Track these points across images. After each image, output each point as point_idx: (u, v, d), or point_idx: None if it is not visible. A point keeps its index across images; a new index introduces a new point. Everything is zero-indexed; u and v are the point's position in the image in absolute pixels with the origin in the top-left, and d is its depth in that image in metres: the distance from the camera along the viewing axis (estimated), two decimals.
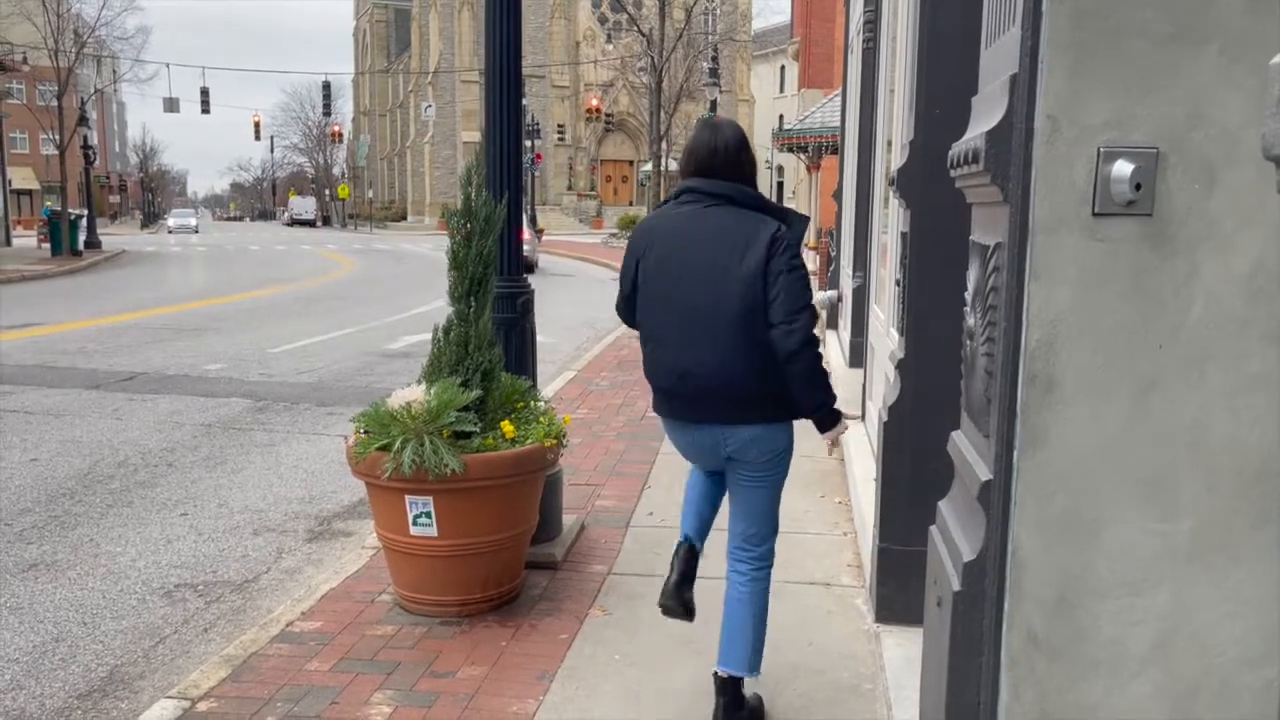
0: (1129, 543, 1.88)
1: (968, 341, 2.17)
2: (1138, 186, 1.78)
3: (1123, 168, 1.78)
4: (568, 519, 4.89)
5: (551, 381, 9.04)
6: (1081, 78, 1.79)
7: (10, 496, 5.88)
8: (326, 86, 53.11)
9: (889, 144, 5.87)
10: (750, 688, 3.23)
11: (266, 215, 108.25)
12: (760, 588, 3.15)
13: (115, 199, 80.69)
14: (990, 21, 2.12)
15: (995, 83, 1.99)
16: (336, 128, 72.81)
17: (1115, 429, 1.86)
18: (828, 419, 3.04)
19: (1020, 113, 1.84)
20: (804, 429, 3.10)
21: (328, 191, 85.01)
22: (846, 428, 3.15)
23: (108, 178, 74.92)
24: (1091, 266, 1.82)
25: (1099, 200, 1.81)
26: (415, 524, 3.80)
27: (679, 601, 3.19)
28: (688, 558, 3.23)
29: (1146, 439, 1.86)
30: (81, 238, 30.02)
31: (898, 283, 4.32)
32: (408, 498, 3.76)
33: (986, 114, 2.00)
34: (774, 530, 3.19)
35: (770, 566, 3.19)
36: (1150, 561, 1.88)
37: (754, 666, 3.13)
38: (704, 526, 3.35)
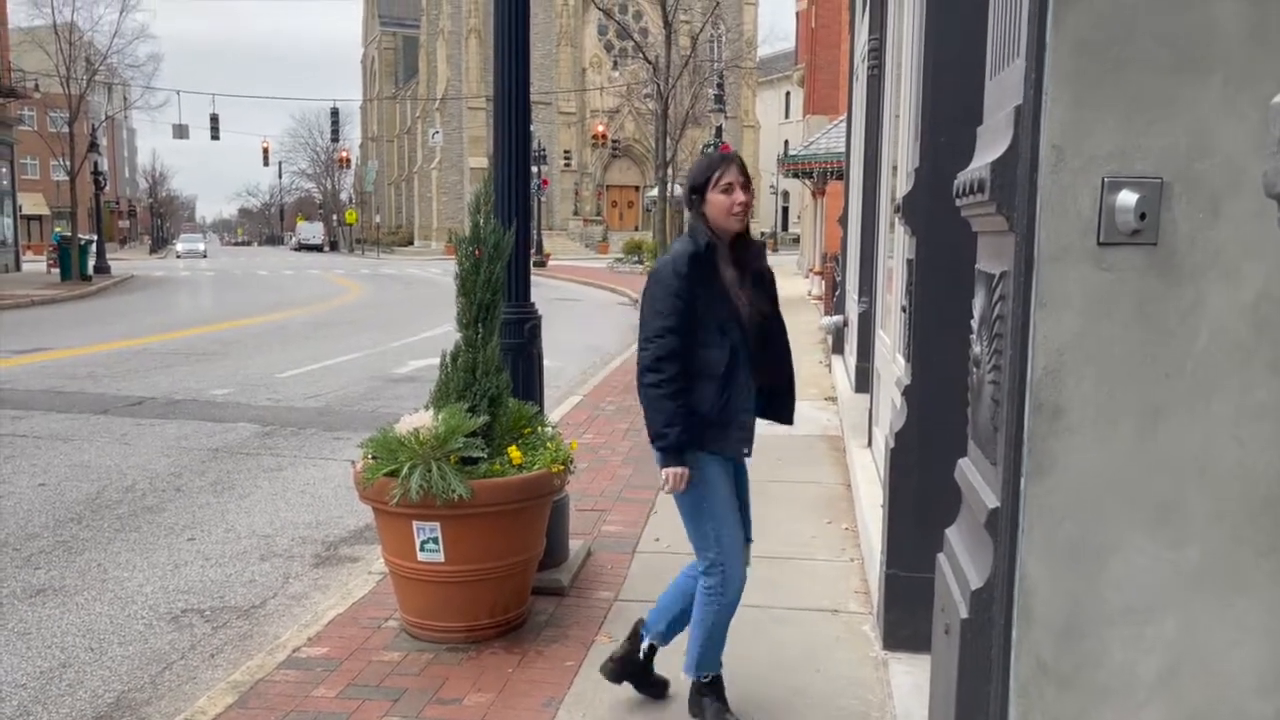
0: (1137, 570, 1.88)
1: (974, 369, 2.18)
2: (1142, 216, 1.80)
3: (1127, 197, 1.80)
4: (574, 544, 4.89)
5: (558, 406, 9.05)
6: (1085, 108, 1.81)
7: (19, 521, 5.90)
8: (335, 113, 53.56)
9: (894, 169, 5.90)
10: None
11: (274, 240, 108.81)
12: (702, 601, 3.23)
13: (125, 224, 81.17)
14: (994, 53, 2.14)
15: (1000, 113, 2.01)
16: (344, 153, 73.19)
17: (1122, 457, 1.87)
18: (662, 455, 3.12)
19: (1025, 143, 1.86)
20: (796, 455, 3.10)
21: (335, 217, 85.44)
22: (669, 480, 3.15)
23: (117, 203, 75.41)
24: (1097, 295, 1.84)
25: (1104, 229, 1.82)
26: (422, 550, 3.80)
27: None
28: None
29: (1154, 467, 1.87)
30: (91, 263, 30.19)
31: (904, 309, 4.34)
32: (415, 523, 3.77)
33: (991, 144, 2.02)
34: (711, 547, 3.21)
35: (715, 587, 3.21)
36: (1158, 589, 1.88)
37: (690, 668, 3.27)
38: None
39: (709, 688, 3.29)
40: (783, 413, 3.41)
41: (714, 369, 3.11)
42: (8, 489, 6.59)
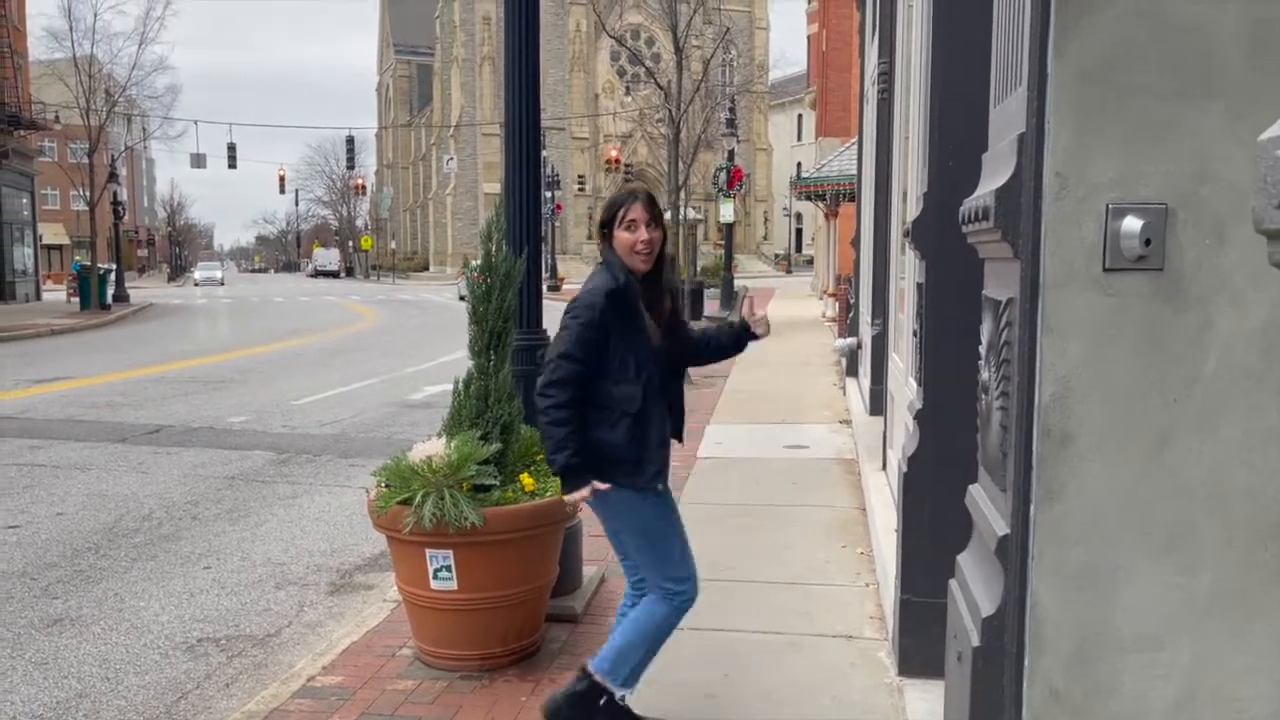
0: (1148, 597, 1.87)
1: (983, 395, 2.18)
2: (1147, 242, 1.80)
3: (1132, 223, 1.80)
4: (588, 571, 4.88)
5: None
6: (1088, 136, 1.82)
7: (37, 551, 5.94)
8: (350, 141, 54.01)
9: (904, 194, 5.92)
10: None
11: (291, 267, 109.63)
12: (661, 606, 3.22)
13: (143, 253, 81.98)
14: (997, 81, 2.16)
15: (1004, 141, 2.02)
16: (360, 181, 73.90)
17: (1131, 482, 1.86)
18: (562, 481, 3.14)
19: (1029, 170, 1.87)
20: (810, 479, 3.10)
21: (351, 243, 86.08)
22: (575, 503, 3.18)
23: (136, 232, 76.19)
24: (1103, 321, 1.84)
25: (1109, 255, 1.83)
26: (436, 578, 3.81)
27: None
28: None
29: (1163, 492, 1.86)
30: (110, 292, 30.50)
31: (915, 333, 4.34)
32: (428, 551, 3.78)
33: (996, 172, 2.04)
34: (661, 570, 3.22)
35: (680, 592, 3.22)
36: (1170, 615, 1.87)
37: (611, 673, 3.23)
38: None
39: (623, 710, 3.27)
40: (677, 433, 3.40)
41: (629, 405, 3.12)
42: (26, 519, 6.63)
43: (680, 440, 3.39)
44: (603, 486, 3.11)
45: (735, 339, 3.51)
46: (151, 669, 4.32)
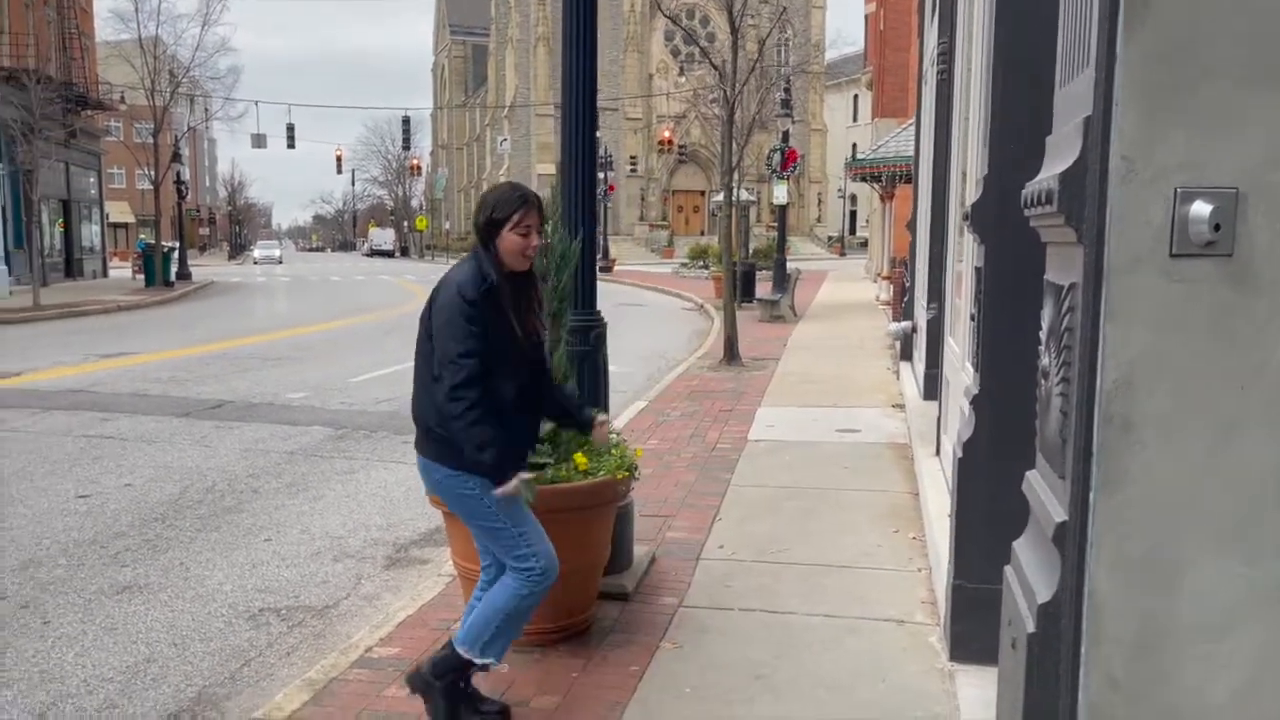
0: (1211, 586, 1.85)
1: (1042, 381, 2.16)
2: (1217, 227, 1.77)
3: (1201, 208, 1.77)
4: (639, 550, 4.93)
5: (623, 412, 9.10)
6: (1157, 119, 1.79)
7: (106, 520, 6.13)
8: (406, 121, 54.55)
9: (963, 175, 5.84)
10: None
11: (347, 246, 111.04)
12: (518, 586, 3.25)
13: (205, 231, 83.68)
14: (1064, 63, 2.13)
15: (1069, 124, 1.99)
16: (415, 161, 74.53)
17: (1196, 470, 1.84)
18: (489, 480, 3.16)
19: (1095, 154, 1.84)
20: (862, 463, 3.09)
21: (406, 223, 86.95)
22: (506, 494, 3.18)
23: (198, 211, 77.78)
24: (1170, 307, 1.81)
25: (1176, 241, 1.80)
26: None
27: None
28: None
29: (1229, 481, 1.84)
30: (173, 269, 31.18)
31: (972, 317, 4.29)
32: None
33: (1060, 155, 2.01)
34: (520, 547, 3.24)
35: (536, 575, 3.24)
36: (1234, 605, 1.85)
37: (469, 643, 3.27)
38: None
39: (465, 688, 3.31)
40: (534, 439, 3.45)
41: (498, 401, 3.15)
42: (96, 489, 6.85)
43: (532, 448, 3.42)
44: (528, 476, 3.22)
45: (574, 410, 3.58)
46: (215, 636, 4.45)
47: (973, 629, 3.66)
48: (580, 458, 3.98)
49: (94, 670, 4.11)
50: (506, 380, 3.19)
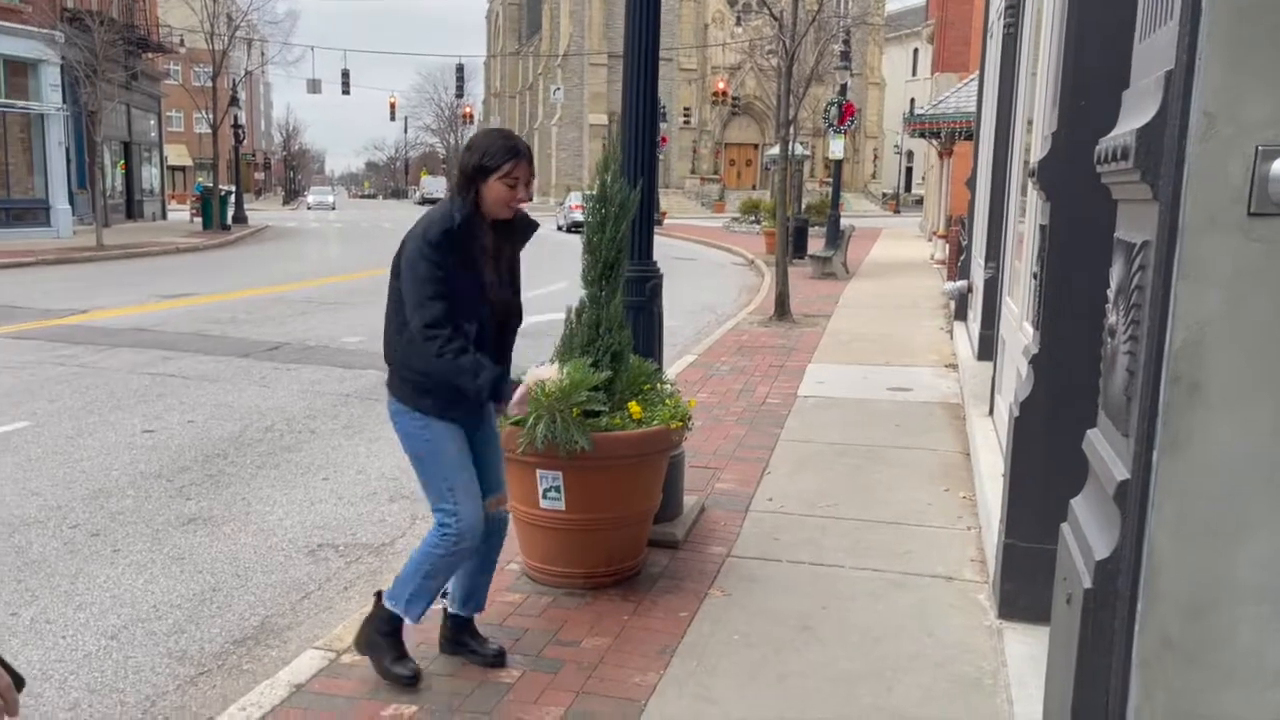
0: (1272, 550, 1.84)
1: (1108, 339, 2.15)
2: None
3: None
4: (688, 500, 4.98)
5: (674, 364, 9.14)
6: (1241, 74, 1.75)
7: (171, 455, 6.33)
8: (460, 69, 54.36)
9: (1030, 131, 5.72)
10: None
11: (399, 194, 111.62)
12: (434, 543, 3.26)
13: (260, 176, 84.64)
14: (1145, 15, 2.08)
15: (1149, 78, 1.95)
16: (468, 109, 74.37)
17: (1264, 434, 1.83)
18: (493, 404, 3.31)
19: (1174, 109, 1.81)
20: (914, 422, 3.09)
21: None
22: (516, 410, 3.38)
23: (254, 155, 78.62)
24: (1245, 267, 1.79)
25: (1255, 199, 1.77)
26: (545, 497, 3.94)
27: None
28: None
29: None
30: (230, 213, 31.68)
31: (1034, 276, 4.24)
32: (539, 471, 3.91)
33: (1138, 110, 1.98)
34: (446, 499, 3.25)
35: (450, 534, 3.23)
36: None
37: (394, 597, 3.32)
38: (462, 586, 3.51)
39: (393, 634, 3.34)
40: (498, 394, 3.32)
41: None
42: (160, 424, 7.06)
43: (500, 401, 3.33)
44: (533, 381, 3.40)
45: (505, 377, 3.41)
46: (276, 569, 4.60)
47: (1022, 588, 3.68)
48: (635, 406, 4.02)
49: (162, 597, 4.27)
50: (466, 321, 3.19)
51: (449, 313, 3.12)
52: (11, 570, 4.51)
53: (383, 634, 3.36)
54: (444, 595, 3.49)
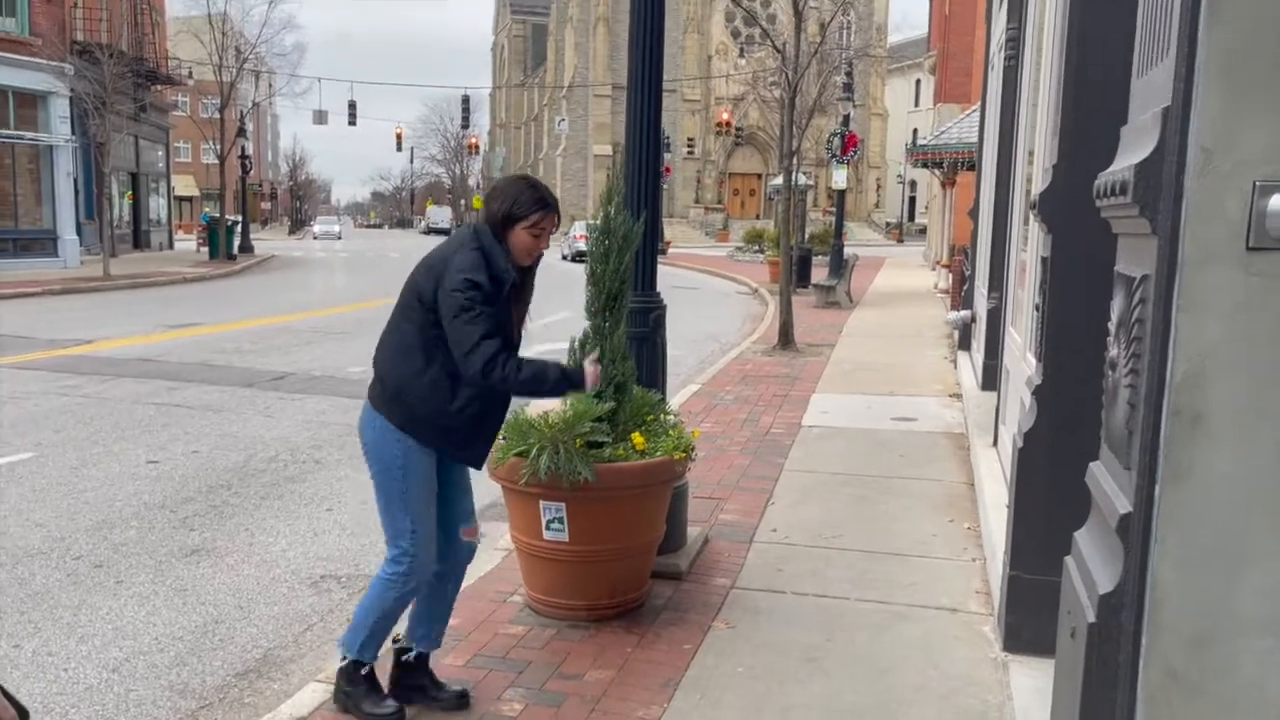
0: (1275, 582, 1.84)
1: (1110, 372, 2.15)
2: None
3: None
4: (692, 531, 4.97)
5: (677, 394, 9.14)
6: (1238, 110, 1.77)
7: (175, 485, 6.33)
8: (466, 100, 54.88)
9: (1030, 163, 5.76)
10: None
11: (404, 223, 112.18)
12: (384, 586, 3.24)
13: (266, 206, 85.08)
14: (1143, 51, 2.11)
15: (1146, 114, 1.97)
16: (473, 140, 74.96)
17: (1266, 466, 1.83)
18: (574, 385, 3.43)
19: (1172, 145, 1.83)
20: (918, 452, 3.09)
21: (463, 202, 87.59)
22: (593, 380, 3.45)
23: (260, 185, 79.11)
24: (1245, 301, 1.80)
25: (1254, 234, 1.78)
26: (548, 529, 3.94)
27: None
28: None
29: None
30: (236, 243, 31.81)
31: (1036, 307, 4.25)
32: (542, 503, 3.91)
33: (1136, 145, 1.99)
34: (404, 537, 3.21)
35: (401, 575, 3.22)
36: None
37: (348, 644, 3.30)
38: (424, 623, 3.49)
39: (365, 678, 3.31)
40: (571, 380, 3.45)
41: (481, 388, 3.19)
42: (165, 455, 7.07)
43: (581, 386, 3.47)
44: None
45: (561, 369, 3.53)
46: (279, 600, 4.59)
47: (1027, 620, 3.66)
48: (638, 437, 4.03)
49: (165, 629, 4.26)
50: None
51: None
52: (14, 602, 4.51)
53: (353, 683, 3.32)
54: (394, 639, 3.46)
